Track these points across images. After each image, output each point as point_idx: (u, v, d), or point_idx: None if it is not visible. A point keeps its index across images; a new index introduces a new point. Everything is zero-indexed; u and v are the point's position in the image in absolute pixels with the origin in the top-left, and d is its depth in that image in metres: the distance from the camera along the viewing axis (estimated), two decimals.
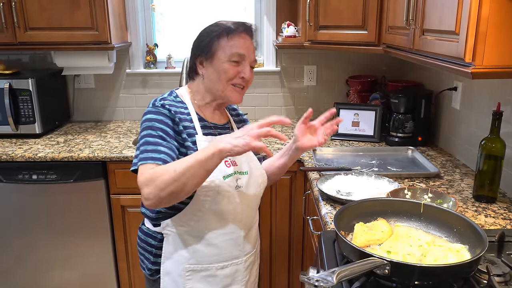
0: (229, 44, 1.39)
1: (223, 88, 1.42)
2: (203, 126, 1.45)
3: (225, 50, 1.39)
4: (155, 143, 1.30)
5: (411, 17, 1.71)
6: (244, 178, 1.46)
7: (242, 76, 1.41)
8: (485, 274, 1.12)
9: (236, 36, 1.39)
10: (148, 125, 1.34)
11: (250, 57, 1.42)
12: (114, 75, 2.99)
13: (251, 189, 1.48)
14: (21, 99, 2.54)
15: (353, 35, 2.30)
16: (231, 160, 1.43)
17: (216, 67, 1.40)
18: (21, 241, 2.47)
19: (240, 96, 1.45)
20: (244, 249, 1.51)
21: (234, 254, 1.48)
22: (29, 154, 2.33)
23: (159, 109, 1.37)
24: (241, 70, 1.41)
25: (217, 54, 1.39)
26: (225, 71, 1.39)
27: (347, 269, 0.94)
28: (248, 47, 1.42)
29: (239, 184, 1.44)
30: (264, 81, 3.03)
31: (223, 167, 1.39)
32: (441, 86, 2.37)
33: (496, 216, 1.57)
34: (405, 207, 1.36)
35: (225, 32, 1.39)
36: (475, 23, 1.24)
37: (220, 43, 1.39)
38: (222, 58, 1.39)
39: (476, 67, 1.26)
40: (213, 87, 1.44)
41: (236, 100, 1.45)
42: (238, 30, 1.40)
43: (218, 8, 3.00)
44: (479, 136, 1.79)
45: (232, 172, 1.42)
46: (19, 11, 2.46)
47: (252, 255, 1.56)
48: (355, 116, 2.59)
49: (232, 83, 1.42)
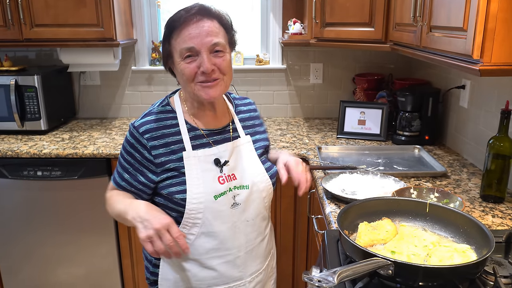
0: (177, 41, 1.23)
1: (191, 89, 1.27)
2: (194, 136, 1.32)
3: (176, 49, 1.24)
4: (123, 167, 1.34)
5: (418, 13, 1.69)
6: (243, 193, 1.33)
7: (201, 71, 1.23)
8: (492, 276, 1.10)
9: (181, 28, 1.22)
10: (124, 144, 1.35)
11: (205, 44, 1.22)
12: (120, 72, 2.99)
13: (252, 205, 1.35)
14: (27, 95, 2.55)
15: (359, 32, 2.28)
16: (227, 175, 1.31)
17: (177, 70, 1.28)
18: (25, 237, 2.47)
19: (212, 91, 1.26)
20: (246, 269, 1.38)
21: (235, 275, 1.36)
22: (34, 151, 2.34)
23: (133, 132, 1.30)
24: (199, 64, 1.23)
25: (174, 57, 1.26)
26: (182, 72, 1.25)
27: (349, 269, 0.92)
28: (199, 34, 1.21)
29: (237, 201, 1.32)
30: (270, 79, 3.01)
31: (215, 184, 1.29)
32: (449, 84, 2.34)
33: (503, 216, 1.54)
34: (411, 207, 1.34)
35: (170, 30, 1.24)
36: (483, 20, 1.22)
37: (171, 43, 1.25)
38: (177, 59, 1.25)
39: (484, 64, 1.24)
40: (186, 92, 1.34)
41: (208, 97, 1.27)
42: (183, 19, 1.22)
43: (225, 5, 2.99)
44: (487, 135, 1.76)
45: (226, 189, 1.30)
46: (25, 8, 2.46)
47: (260, 273, 1.43)
48: (361, 114, 2.57)
49: (197, 81, 1.26)
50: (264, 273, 1.46)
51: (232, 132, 1.40)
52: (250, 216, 1.36)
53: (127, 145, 1.33)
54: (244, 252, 1.37)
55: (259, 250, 1.42)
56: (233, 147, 1.36)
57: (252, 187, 1.35)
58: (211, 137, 1.35)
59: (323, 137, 2.59)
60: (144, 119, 1.32)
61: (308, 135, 2.63)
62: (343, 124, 2.59)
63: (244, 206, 1.34)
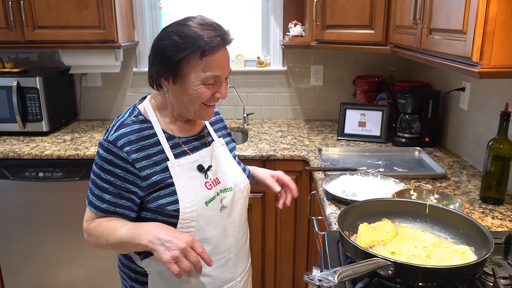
0: (202, 66, 1.19)
1: (193, 109, 1.25)
2: (173, 145, 1.29)
3: (197, 72, 1.19)
4: (101, 189, 1.22)
5: (418, 16, 1.70)
6: (228, 195, 1.34)
7: (218, 97, 1.26)
8: (491, 277, 1.10)
9: (212, 56, 1.19)
10: (98, 162, 1.23)
11: (226, 72, 1.25)
12: (121, 74, 3.01)
13: (237, 206, 1.37)
14: (29, 97, 2.56)
15: (360, 35, 2.29)
16: (213, 180, 1.31)
17: (187, 90, 1.22)
18: (27, 238, 2.48)
19: (212, 112, 1.31)
20: (237, 270, 1.40)
21: (228, 277, 1.37)
22: (36, 152, 2.34)
23: (109, 147, 1.21)
24: (217, 89, 1.24)
25: (189, 76, 1.20)
26: (199, 95, 1.22)
27: (349, 269, 0.93)
28: (225, 63, 1.23)
29: (224, 204, 1.32)
30: (271, 81, 3.02)
31: (204, 190, 1.28)
32: (449, 86, 2.34)
33: (503, 218, 1.55)
34: (411, 208, 1.35)
35: (199, 53, 1.17)
36: (483, 22, 1.23)
37: (191, 63, 1.19)
38: (195, 82, 1.20)
39: (483, 67, 1.25)
40: (181, 107, 1.27)
41: (208, 117, 1.30)
42: (214, 47, 1.18)
43: (226, 7, 3.01)
44: (487, 137, 1.77)
45: (214, 194, 1.30)
46: (27, 10, 2.48)
47: (247, 271, 1.47)
48: (361, 116, 2.58)
49: (205, 103, 1.26)
50: (249, 271, 1.50)
51: (207, 136, 1.40)
52: (236, 217, 1.37)
53: (103, 163, 1.22)
54: (234, 253, 1.38)
55: (245, 249, 1.46)
56: (211, 151, 1.36)
57: (235, 188, 1.36)
58: (189, 143, 1.33)
59: (323, 138, 2.60)
60: (118, 132, 1.23)
61: (308, 137, 2.64)
62: (344, 126, 2.60)
63: (231, 208, 1.35)
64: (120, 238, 1.18)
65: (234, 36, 1.26)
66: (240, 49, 3.03)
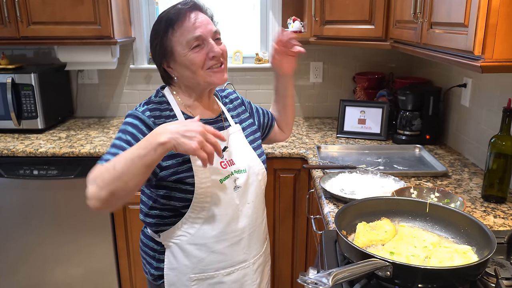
0: (179, 34, 1.27)
1: (201, 78, 1.31)
2: None
3: (180, 42, 1.28)
4: (119, 147, 1.22)
5: (418, 10, 1.66)
6: (242, 177, 1.38)
7: (212, 56, 1.29)
8: (493, 277, 1.07)
9: (182, 21, 1.27)
10: (121, 128, 1.28)
11: (209, 32, 1.30)
12: (118, 71, 2.97)
13: (251, 188, 1.41)
14: (24, 94, 2.53)
15: (360, 30, 2.25)
16: (227, 160, 1.36)
17: (182, 63, 1.30)
18: (22, 237, 2.45)
19: (222, 75, 1.33)
20: (250, 251, 1.43)
21: (240, 258, 1.40)
22: (31, 149, 2.31)
23: (137, 114, 1.29)
24: (208, 50, 1.29)
25: (176, 50, 1.29)
26: (192, 62, 1.28)
27: (345, 271, 0.90)
28: (202, 23, 1.29)
29: (237, 184, 1.37)
30: (270, 78, 2.98)
31: (219, 168, 1.32)
32: (450, 82, 2.31)
33: (505, 217, 1.51)
34: (410, 207, 1.31)
35: (169, 25, 1.28)
36: (485, 15, 1.20)
37: (171, 38, 1.29)
38: (182, 52, 1.28)
39: (485, 61, 1.21)
40: (193, 82, 1.34)
41: (220, 81, 1.33)
42: (181, 14, 1.28)
43: (225, 4, 2.97)
44: (489, 134, 1.73)
45: (228, 173, 1.35)
46: (21, 5, 2.44)
47: (261, 256, 1.49)
48: (361, 113, 2.54)
49: (207, 68, 1.30)
50: (263, 257, 1.51)
51: (224, 121, 1.45)
52: (250, 198, 1.41)
53: (126, 126, 1.27)
54: (248, 234, 1.41)
55: (260, 232, 1.48)
56: (228, 134, 1.41)
57: (248, 171, 1.40)
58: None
59: (322, 136, 2.57)
60: (145, 107, 1.32)
61: (307, 134, 2.60)
62: (343, 123, 2.56)
63: (244, 189, 1.39)
64: (130, 157, 1.08)
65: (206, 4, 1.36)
66: (239, 45, 3.00)
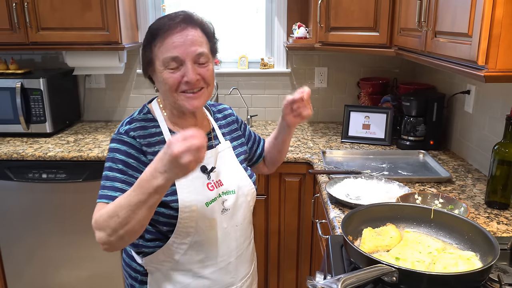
0: (160, 50, 1.19)
1: (173, 99, 1.23)
2: None
3: (158, 57, 1.20)
4: (113, 179, 1.18)
5: (423, 19, 1.68)
6: (231, 198, 1.32)
7: (185, 81, 1.20)
8: (497, 283, 1.09)
9: (164, 37, 1.18)
10: (109, 156, 1.22)
11: (189, 54, 1.19)
12: (125, 75, 3.00)
13: (240, 210, 1.35)
14: (33, 98, 2.56)
15: (364, 37, 2.27)
16: (215, 181, 1.30)
17: (158, 78, 1.23)
18: (30, 239, 2.48)
19: (196, 101, 1.23)
20: (237, 274, 1.38)
21: (227, 282, 1.36)
22: (39, 153, 2.34)
23: (122, 137, 1.23)
24: (183, 73, 1.19)
25: (155, 64, 1.21)
26: (165, 81, 1.20)
27: (353, 276, 0.92)
28: (184, 43, 1.18)
29: (225, 206, 1.30)
30: (275, 83, 3.01)
31: (205, 191, 1.26)
32: (454, 89, 2.33)
33: (508, 223, 1.53)
34: (415, 213, 1.33)
35: (152, 37, 1.20)
36: (489, 26, 1.21)
37: (153, 50, 1.21)
38: (159, 68, 1.20)
39: (489, 70, 1.23)
40: (166, 100, 1.28)
41: (192, 107, 1.23)
42: (167, 27, 1.18)
43: (230, 8, 3.00)
44: (492, 141, 1.76)
45: (216, 195, 1.28)
46: (31, 11, 2.48)
47: (248, 277, 1.44)
48: (365, 118, 2.56)
49: (180, 91, 1.21)
50: (251, 277, 1.47)
51: (214, 139, 1.38)
52: (238, 220, 1.36)
53: (114, 154, 1.21)
54: (235, 257, 1.36)
55: (247, 254, 1.43)
56: (216, 153, 1.35)
57: (238, 192, 1.34)
58: None
59: (327, 141, 2.59)
60: (127, 126, 1.25)
61: (312, 139, 2.63)
62: (348, 128, 2.59)
63: (233, 211, 1.33)
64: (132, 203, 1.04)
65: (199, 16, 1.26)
66: (244, 50, 3.03)
